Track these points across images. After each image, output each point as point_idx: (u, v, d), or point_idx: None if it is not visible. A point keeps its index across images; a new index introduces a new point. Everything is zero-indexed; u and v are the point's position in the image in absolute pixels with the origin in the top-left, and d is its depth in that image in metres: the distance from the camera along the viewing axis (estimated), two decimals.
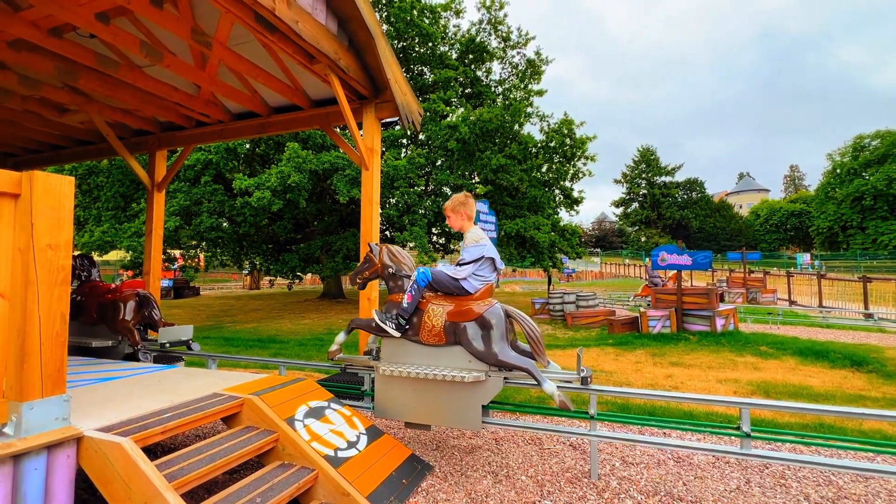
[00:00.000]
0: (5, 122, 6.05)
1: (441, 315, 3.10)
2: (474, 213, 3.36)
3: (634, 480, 2.93)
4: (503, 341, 2.96)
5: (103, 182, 15.21)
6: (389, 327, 3.18)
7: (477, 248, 3.15)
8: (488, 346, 2.95)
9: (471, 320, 3.02)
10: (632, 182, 63.86)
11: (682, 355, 8.05)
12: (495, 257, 3.19)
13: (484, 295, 3.15)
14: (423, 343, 3.18)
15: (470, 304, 3.07)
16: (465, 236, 3.29)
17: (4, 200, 2.01)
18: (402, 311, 3.15)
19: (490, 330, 2.96)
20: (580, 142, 14.73)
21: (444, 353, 3.13)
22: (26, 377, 1.95)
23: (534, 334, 3.00)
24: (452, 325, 3.07)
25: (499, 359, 2.92)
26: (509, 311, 3.09)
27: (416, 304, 3.18)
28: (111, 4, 3.49)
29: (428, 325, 3.13)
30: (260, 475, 2.40)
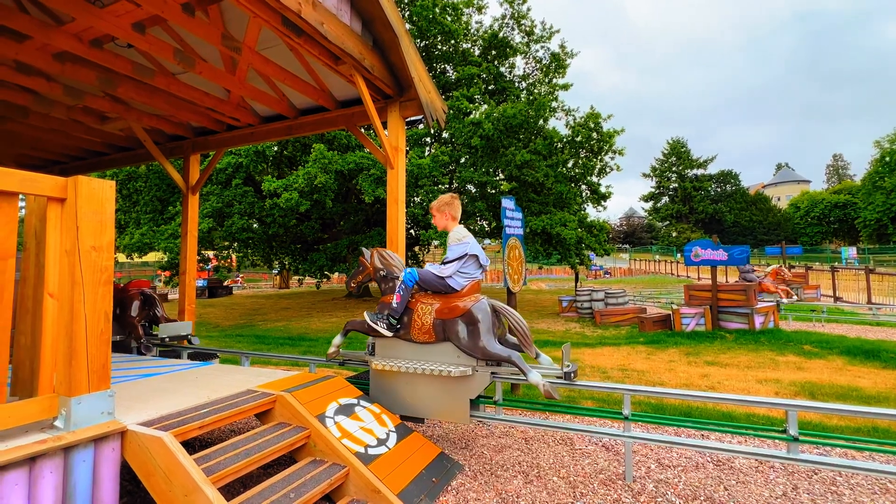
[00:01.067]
0: (52, 132, 6.39)
1: (430, 313, 3.21)
2: (459, 213, 3.46)
3: (672, 484, 2.83)
4: (490, 335, 3.03)
5: (142, 186, 15.90)
6: (381, 327, 3.30)
7: (460, 247, 3.22)
8: (475, 341, 3.02)
9: (458, 316, 3.10)
10: (661, 176, 61.94)
11: (718, 354, 7.75)
12: (479, 254, 3.26)
13: (470, 291, 3.23)
14: (415, 341, 3.28)
15: (457, 301, 3.15)
16: (449, 235, 3.36)
17: (52, 205, 2.11)
18: (392, 312, 3.27)
19: (477, 325, 3.03)
20: (607, 135, 14.37)
21: (435, 350, 3.23)
22: (74, 373, 2.05)
23: (520, 327, 3.07)
24: (441, 322, 3.16)
25: (486, 352, 2.99)
26: (496, 305, 3.16)
27: (406, 303, 3.29)
28: (147, 14, 3.62)
29: (418, 324, 3.24)
30: (293, 471, 2.44)
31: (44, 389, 2.06)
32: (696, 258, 10.24)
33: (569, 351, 3.15)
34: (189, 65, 4.33)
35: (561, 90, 16.03)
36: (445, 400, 3.20)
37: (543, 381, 2.87)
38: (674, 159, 61.24)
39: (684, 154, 60.52)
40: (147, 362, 4.30)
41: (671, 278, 29.52)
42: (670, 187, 61.47)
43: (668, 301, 15.62)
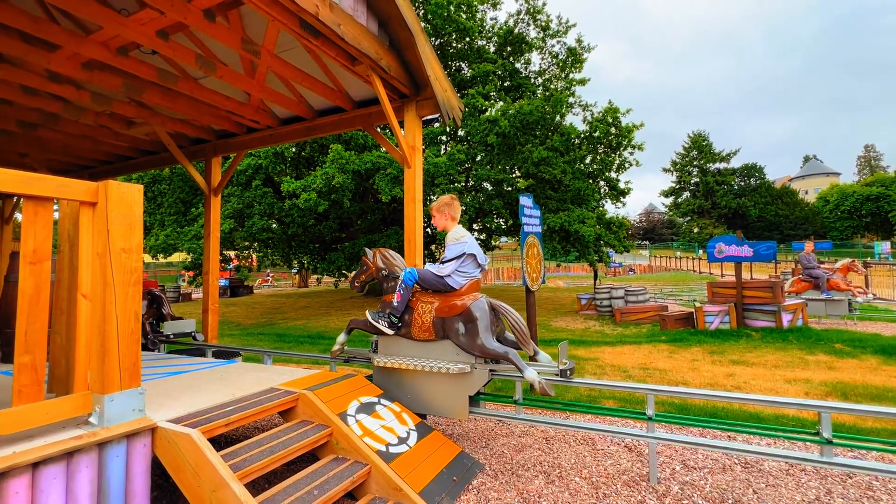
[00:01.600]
0: (82, 138, 6.61)
1: (430, 311, 3.29)
2: (458, 214, 3.53)
3: (698, 486, 2.77)
4: (488, 333, 3.08)
5: (165, 189, 16.33)
6: (383, 325, 3.37)
7: (458, 246, 3.29)
8: (473, 339, 3.08)
9: (457, 315, 3.16)
10: (682, 170, 60.53)
11: (743, 353, 7.54)
12: (477, 254, 3.32)
13: (469, 290, 3.30)
14: (416, 339, 3.36)
15: (455, 300, 3.21)
16: (448, 235, 3.42)
17: (84, 209, 2.18)
18: (393, 310, 3.35)
19: (475, 323, 3.08)
20: (626, 130, 14.11)
21: (435, 347, 3.31)
22: (107, 371, 2.11)
23: (518, 325, 3.11)
24: (440, 320, 3.23)
25: (484, 349, 3.05)
26: (494, 304, 3.22)
27: (406, 302, 3.37)
28: (170, 21, 3.70)
29: (418, 322, 3.32)
30: (316, 468, 2.48)
31: (79, 387, 2.13)
32: (719, 254, 9.99)
33: (566, 349, 3.17)
34: (210, 69, 4.42)
35: (578, 85, 15.82)
36: (445, 396, 3.26)
37: (538, 379, 2.90)
38: (695, 153, 59.76)
39: (706, 148, 59.00)
40: (173, 360, 4.42)
41: (693, 275, 28.87)
42: (691, 182, 60.03)
43: (690, 298, 15.28)
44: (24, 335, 1.95)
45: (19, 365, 1.94)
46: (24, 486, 1.76)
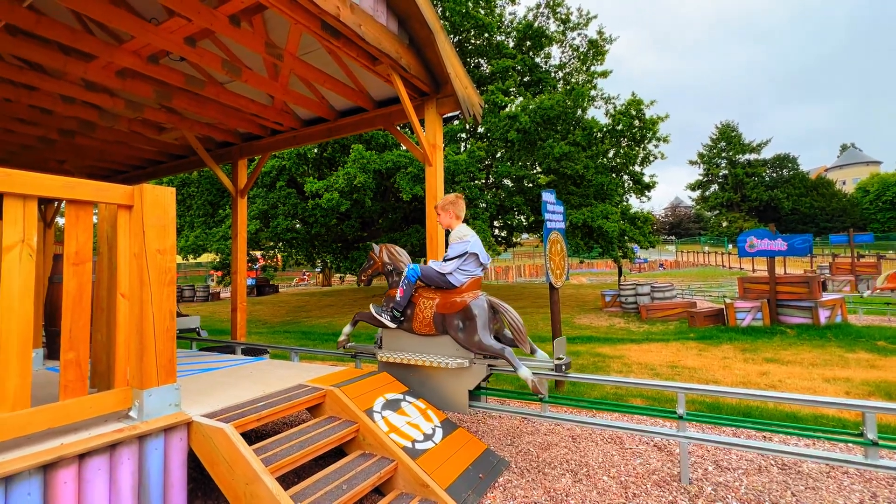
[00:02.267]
0: (116, 143, 6.88)
1: (431, 307, 3.36)
2: (462, 213, 3.58)
3: (733, 487, 2.68)
4: (486, 330, 3.13)
5: (194, 192, 16.85)
6: (385, 319, 3.49)
7: (461, 245, 3.34)
8: (471, 335, 3.14)
9: (457, 311, 3.23)
10: (710, 162, 58.63)
11: (778, 350, 7.28)
12: (479, 253, 3.37)
13: (470, 287, 3.35)
14: (417, 333, 3.45)
15: (456, 297, 3.28)
16: (451, 233, 3.47)
17: (121, 212, 2.27)
18: (395, 305, 3.46)
19: (474, 320, 3.14)
20: (650, 123, 13.77)
21: (435, 342, 3.39)
22: (145, 367, 2.20)
23: (516, 324, 3.16)
24: (441, 316, 3.30)
25: (481, 346, 3.11)
26: (494, 302, 3.25)
27: (409, 297, 3.46)
28: (197, 28, 3.81)
29: (420, 317, 3.40)
30: (344, 463, 2.52)
31: (119, 382, 2.23)
32: (751, 249, 9.65)
33: (562, 345, 3.21)
34: (236, 74, 4.53)
35: (600, 78, 15.51)
36: (445, 390, 3.35)
37: (531, 376, 2.95)
38: (723, 144, 57.77)
39: (735, 138, 56.96)
40: (204, 357, 4.56)
41: (722, 270, 28.00)
42: (720, 174, 58.09)
43: (719, 295, 14.83)
44: (68, 333, 2.05)
45: (65, 361, 2.04)
46: (72, 476, 1.85)
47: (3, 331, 1.83)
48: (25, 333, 1.88)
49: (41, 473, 1.79)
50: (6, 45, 3.88)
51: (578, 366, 6.45)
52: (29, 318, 1.89)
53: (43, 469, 1.79)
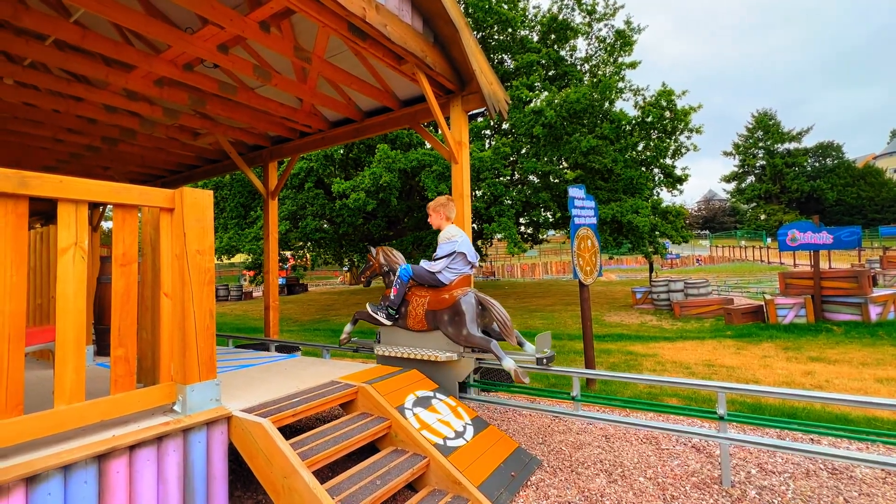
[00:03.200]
0: (155, 150, 7.19)
1: (423, 304, 3.58)
2: (453, 214, 3.77)
3: (778, 492, 2.57)
4: (473, 325, 3.31)
5: (227, 195, 17.42)
6: (381, 317, 3.72)
7: (449, 245, 3.52)
8: (459, 329, 3.32)
9: (446, 307, 3.42)
10: (746, 153, 56.14)
11: (823, 349, 6.92)
12: (467, 252, 3.54)
13: (459, 285, 3.52)
14: (411, 329, 3.68)
15: (445, 294, 3.47)
16: (441, 234, 3.64)
17: (163, 215, 2.37)
18: (390, 303, 3.68)
19: (462, 315, 3.32)
20: (682, 113, 13.29)
21: (428, 337, 3.61)
22: (187, 363, 2.29)
23: (502, 318, 3.29)
24: (432, 313, 3.51)
25: (468, 339, 3.28)
26: (482, 299, 3.41)
27: (402, 296, 3.68)
28: (230, 35, 3.93)
29: (413, 314, 3.63)
30: (376, 459, 2.55)
31: (164, 378, 2.33)
32: (792, 243, 9.21)
33: (547, 339, 3.38)
34: (266, 78, 4.65)
35: (628, 69, 15.09)
36: (437, 382, 3.45)
37: (515, 367, 3.08)
38: (760, 134, 55.21)
39: (773, 127, 54.32)
40: (240, 354, 4.71)
41: (761, 265, 26.81)
42: (757, 165, 55.55)
43: (758, 291, 14.22)
44: (117, 330, 2.15)
45: (115, 357, 2.15)
46: (123, 466, 1.95)
47: (60, 329, 1.94)
48: (80, 331, 1.98)
49: (96, 463, 1.89)
50: (55, 59, 4.11)
51: (610, 364, 6.32)
52: (83, 316, 2.00)
53: (98, 459, 1.89)
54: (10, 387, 1.78)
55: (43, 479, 1.74)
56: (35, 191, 1.88)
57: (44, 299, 3.59)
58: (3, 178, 1.78)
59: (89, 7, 3.31)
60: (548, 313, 12.50)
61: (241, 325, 12.98)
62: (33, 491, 1.72)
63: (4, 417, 1.77)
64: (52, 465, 1.75)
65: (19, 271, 1.83)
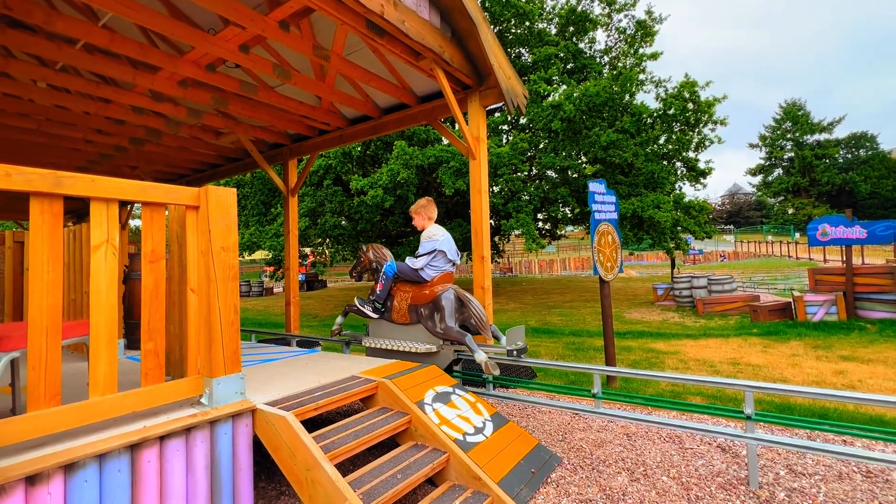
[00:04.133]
0: (179, 149, 7.37)
1: (406, 299, 3.83)
2: (434, 214, 4.01)
3: (809, 494, 2.49)
4: (451, 319, 3.55)
5: (248, 192, 17.77)
6: (367, 310, 3.99)
7: (430, 243, 3.74)
8: (439, 323, 3.58)
9: (427, 302, 3.67)
10: (773, 145, 54.27)
11: (856, 348, 6.67)
12: (448, 250, 3.77)
13: (440, 281, 3.75)
14: (396, 322, 3.94)
15: (426, 290, 3.71)
16: (423, 233, 3.87)
17: (189, 212, 2.42)
18: (376, 297, 3.95)
19: (441, 310, 3.57)
20: (706, 105, 12.93)
21: (410, 330, 3.87)
22: (213, 357, 2.35)
23: (478, 313, 3.56)
24: (414, 307, 3.77)
25: (446, 333, 3.53)
26: (460, 295, 3.65)
27: (388, 290, 3.94)
28: (250, 35, 3.99)
29: (397, 308, 3.89)
30: (397, 454, 2.57)
31: (191, 371, 2.39)
32: (823, 237, 8.88)
33: (520, 333, 3.62)
34: (286, 77, 4.70)
35: (649, 60, 14.76)
36: None
37: (485, 359, 3.33)
38: (788, 125, 53.29)
39: (802, 118, 52.35)
40: (263, 349, 4.81)
41: (788, 261, 25.97)
42: (784, 157, 53.69)
43: (786, 287, 13.79)
44: (147, 325, 2.22)
45: (145, 351, 2.22)
46: (154, 455, 2.02)
47: (94, 322, 2.01)
48: (112, 324, 2.05)
49: (129, 452, 1.96)
50: (85, 63, 4.25)
51: (631, 362, 6.23)
52: (114, 311, 2.07)
53: (130, 448, 1.96)
54: (48, 378, 1.86)
55: (80, 467, 1.81)
56: (69, 190, 1.94)
57: (77, 295, 3.74)
58: (39, 178, 1.85)
59: (117, 10, 3.40)
60: (566, 310, 12.37)
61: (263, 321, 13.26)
62: (71, 478, 1.79)
63: (43, 407, 1.85)
64: (89, 454, 1.82)
65: (55, 267, 1.90)
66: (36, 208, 1.87)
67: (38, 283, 1.86)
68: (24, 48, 3.96)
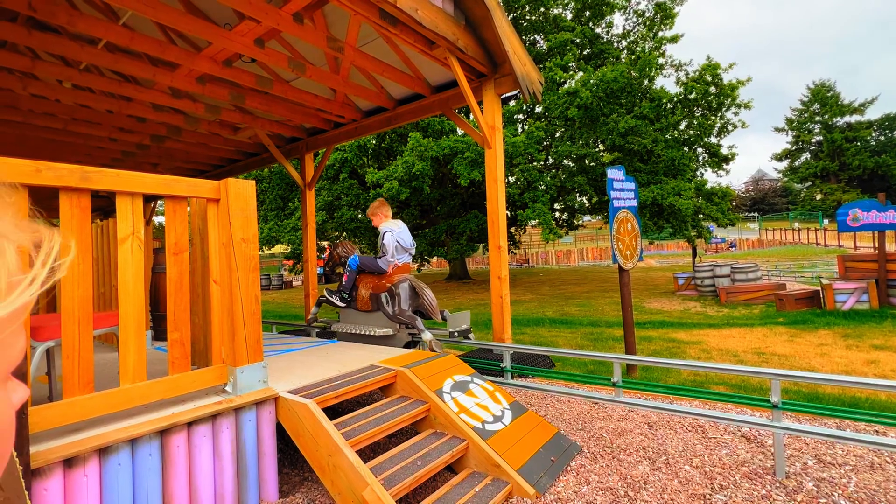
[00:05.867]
0: (198, 145, 7.51)
1: (368, 288, 4.34)
2: (389, 212, 4.46)
3: (839, 484, 2.42)
4: (406, 305, 4.04)
5: (266, 187, 18.04)
6: (335, 299, 4.58)
7: (389, 237, 4.17)
8: (393, 309, 4.08)
9: (384, 291, 4.18)
10: (800, 128, 52.21)
11: (889, 337, 6.43)
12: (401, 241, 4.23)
13: (397, 272, 4.22)
14: (360, 310, 4.45)
15: (384, 280, 4.20)
16: (380, 229, 4.29)
17: (210, 205, 2.47)
18: (342, 288, 4.52)
19: (396, 297, 4.06)
20: (729, 88, 12.51)
21: (372, 316, 4.39)
22: (237, 347, 2.40)
23: (429, 301, 4.06)
24: (375, 296, 4.26)
25: (399, 317, 4.04)
26: (414, 284, 4.12)
27: (353, 281, 4.46)
28: (265, 29, 4.01)
29: (361, 297, 4.39)
30: (416, 441, 2.60)
31: (215, 360, 2.46)
32: (854, 223, 8.54)
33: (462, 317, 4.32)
34: (301, 70, 4.72)
35: (669, 43, 14.33)
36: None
37: (430, 338, 3.82)
38: (816, 107, 51.17)
39: (831, 99, 50.15)
40: (284, 339, 4.90)
41: (816, 248, 25.13)
42: (813, 141, 51.65)
43: (814, 275, 13.35)
44: (173, 315, 2.28)
45: (171, 340, 2.28)
46: (182, 441, 2.09)
47: (123, 313, 2.07)
48: (139, 314, 2.12)
49: (159, 438, 2.03)
50: (107, 62, 4.34)
51: (651, 352, 6.14)
52: (142, 301, 2.13)
53: (160, 434, 2.03)
54: (81, 366, 1.93)
55: (113, 451, 1.88)
56: (96, 184, 2.00)
57: (105, 289, 3.86)
58: (67, 173, 1.91)
59: (136, 8, 3.46)
60: (584, 300, 12.25)
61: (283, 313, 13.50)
62: (106, 461, 1.87)
63: (78, 394, 1.92)
64: (121, 439, 1.89)
65: (85, 260, 1.97)
66: (65, 203, 1.93)
67: (70, 274, 1.92)
68: (49, 49, 4.07)
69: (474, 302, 12.86)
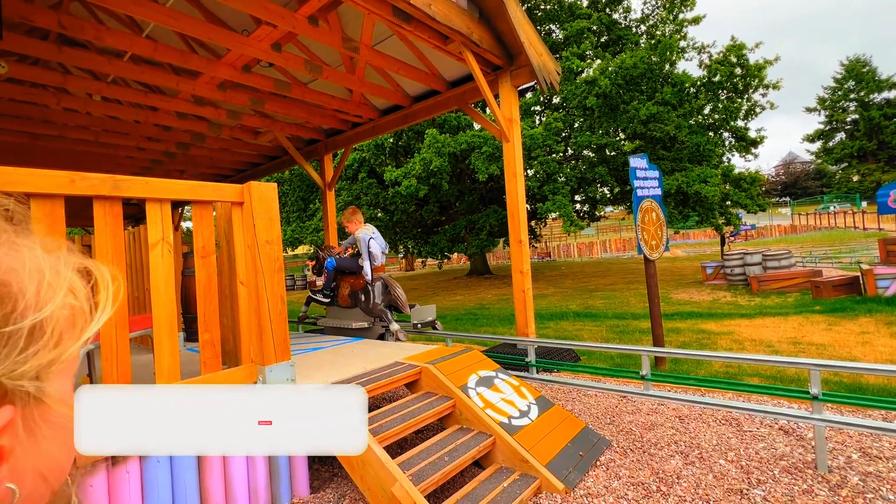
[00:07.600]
0: (221, 151, 7.70)
1: (347, 287, 4.81)
2: (362, 218, 4.80)
3: (887, 479, 2.31)
4: (378, 301, 4.48)
5: (287, 189, 18.37)
6: (320, 297, 5.08)
7: (363, 241, 4.51)
8: (367, 303, 4.52)
9: (359, 288, 4.63)
10: (833, 107, 49.74)
11: None
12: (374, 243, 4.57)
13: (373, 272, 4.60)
14: (341, 306, 4.94)
15: (360, 279, 4.63)
16: (355, 234, 4.62)
17: (234, 208, 2.52)
18: (324, 286, 5.01)
19: (369, 293, 4.51)
20: (755, 69, 12.02)
21: (351, 312, 4.87)
22: (265, 346, 2.45)
23: (400, 296, 4.52)
24: (353, 293, 4.73)
25: (372, 311, 4.50)
26: (388, 282, 4.57)
27: (332, 280, 4.96)
28: (281, 33, 4.07)
29: (342, 294, 4.88)
30: (443, 437, 2.61)
31: (245, 359, 2.51)
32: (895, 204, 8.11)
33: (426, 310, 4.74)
34: (317, 72, 4.78)
35: (690, 25, 13.86)
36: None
37: (398, 328, 4.29)
38: (851, 84, 48.63)
39: (867, 75, 47.53)
40: (310, 338, 4.99)
41: (854, 232, 23.98)
42: (847, 120, 49.17)
43: (852, 261, 12.76)
44: (203, 316, 2.35)
45: (202, 341, 2.35)
46: None
47: (156, 315, 2.14)
48: (172, 316, 2.18)
49: None
50: (133, 73, 4.49)
51: (680, 343, 5.99)
52: (173, 304, 2.20)
53: None
54: (119, 367, 2.01)
55: None
56: (126, 192, 2.07)
57: (139, 293, 4.01)
58: (100, 182, 1.98)
59: (158, 20, 3.56)
60: (608, 293, 12.04)
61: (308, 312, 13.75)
62: (146, 459, 1.94)
63: None
64: None
65: (119, 264, 2.04)
66: (99, 211, 2.00)
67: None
68: (79, 63, 4.23)
69: (497, 297, 12.80)
